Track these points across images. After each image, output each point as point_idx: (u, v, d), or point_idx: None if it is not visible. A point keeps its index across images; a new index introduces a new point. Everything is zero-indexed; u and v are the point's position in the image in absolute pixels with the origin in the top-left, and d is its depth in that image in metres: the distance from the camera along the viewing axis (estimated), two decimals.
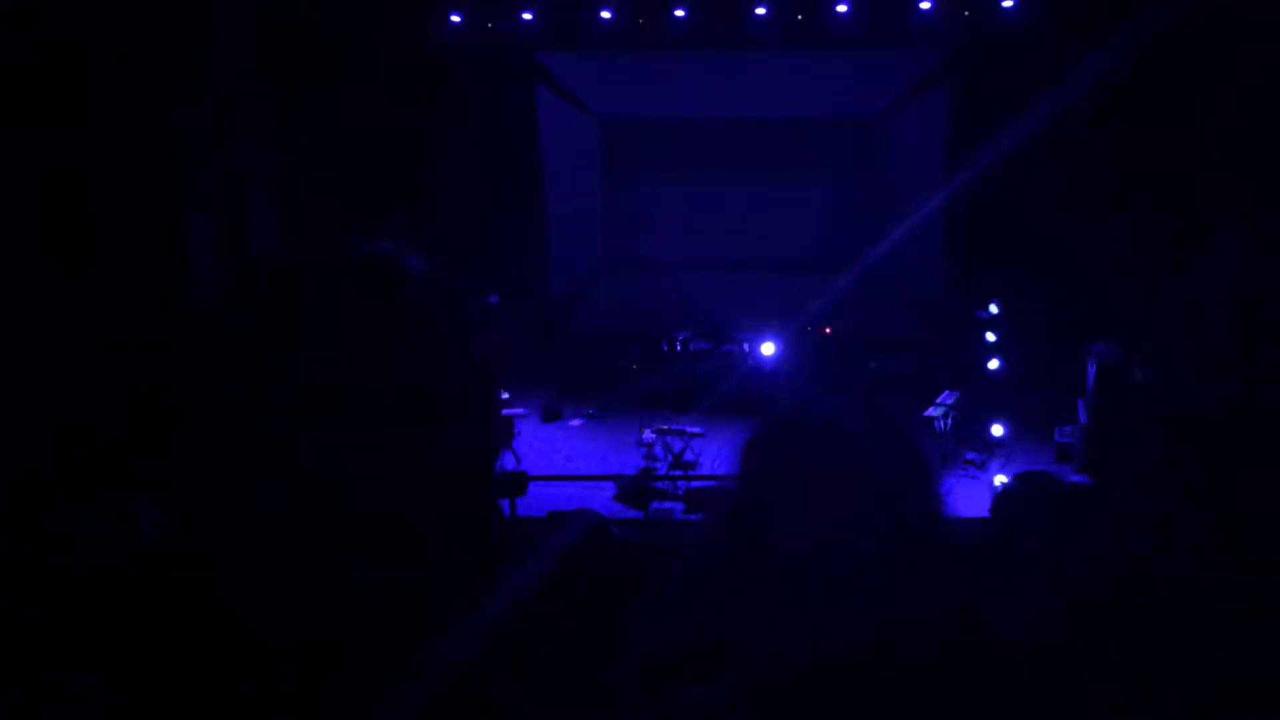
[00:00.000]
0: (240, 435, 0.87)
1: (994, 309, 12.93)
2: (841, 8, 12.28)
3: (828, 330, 14.25)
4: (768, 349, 13.15)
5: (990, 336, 12.92)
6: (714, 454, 10.87)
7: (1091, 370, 10.33)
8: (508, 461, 10.95)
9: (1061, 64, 11.17)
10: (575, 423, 12.82)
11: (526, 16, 12.75)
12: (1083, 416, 10.39)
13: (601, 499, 9.95)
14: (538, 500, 9.96)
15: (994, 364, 12.70)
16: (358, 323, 0.91)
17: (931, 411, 11.23)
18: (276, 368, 0.88)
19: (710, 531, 1.34)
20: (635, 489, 9.96)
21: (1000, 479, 10.14)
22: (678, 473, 10.73)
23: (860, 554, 1.24)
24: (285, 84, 11.23)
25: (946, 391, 11.54)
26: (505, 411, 11.46)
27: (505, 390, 11.70)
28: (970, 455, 11.12)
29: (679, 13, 12.53)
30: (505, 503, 9.61)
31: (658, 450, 11.15)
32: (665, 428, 11.18)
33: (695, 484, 10.25)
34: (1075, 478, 9.60)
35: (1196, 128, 10.79)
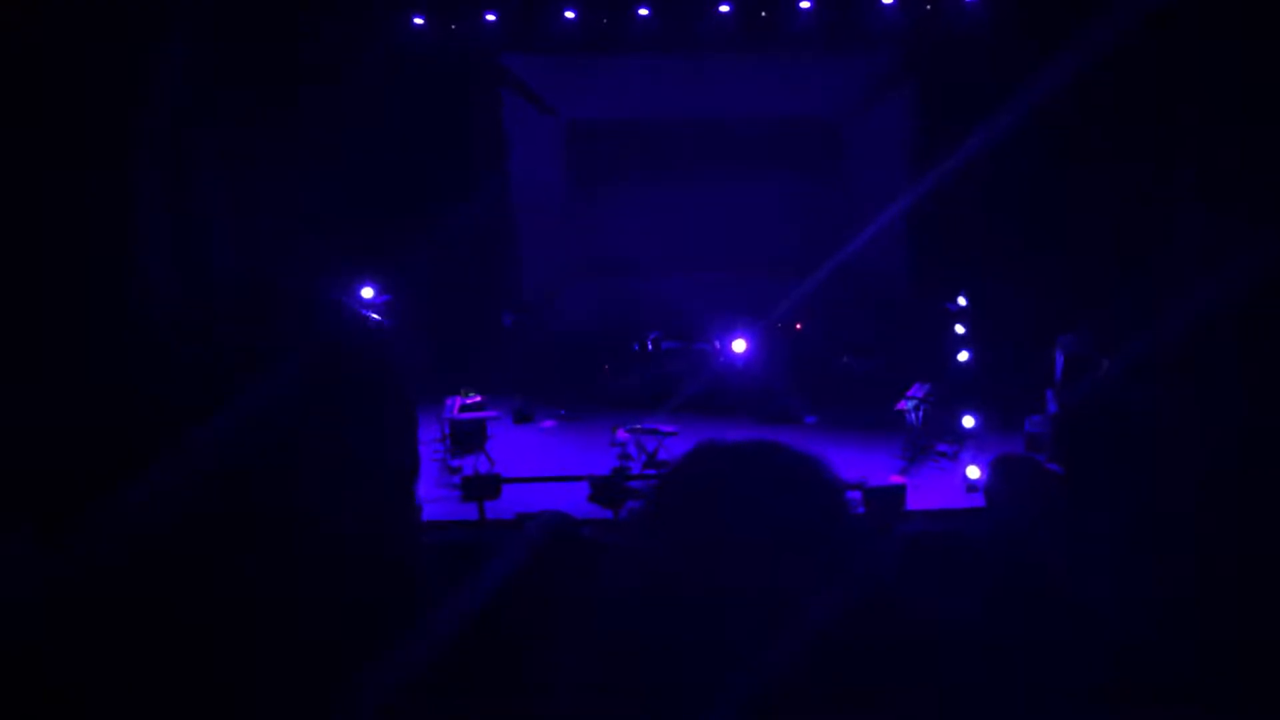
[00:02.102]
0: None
1: (962, 301, 13.01)
2: (805, 4, 12.32)
3: (798, 327, 14.31)
4: (739, 346, 13.19)
5: (959, 329, 13.00)
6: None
7: (1060, 360, 10.42)
8: (481, 464, 10.92)
9: (1023, 61, 11.27)
10: (547, 424, 12.80)
11: (490, 18, 12.71)
12: (1052, 406, 10.48)
13: (575, 499, 9.94)
14: (511, 502, 9.95)
15: (963, 356, 12.78)
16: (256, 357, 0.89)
17: (903, 404, 11.29)
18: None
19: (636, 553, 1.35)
20: (609, 489, 9.94)
21: (973, 470, 10.20)
22: (651, 472, 10.73)
23: (787, 579, 1.25)
24: (242, 88, 11.13)
25: (917, 384, 11.61)
26: (477, 415, 11.43)
27: (475, 393, 11.68)
28: (942, 447, 11.18)
29: (642, 13, 12.54)
30: (474, 506, 9.59)
31: (631, 449, 11.15)
32: (638, 427, 11.17)
33: None
34: (1047, 466, 9.66)
35: (1160, 124, 10.90)
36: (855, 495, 9.90)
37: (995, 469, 3.71)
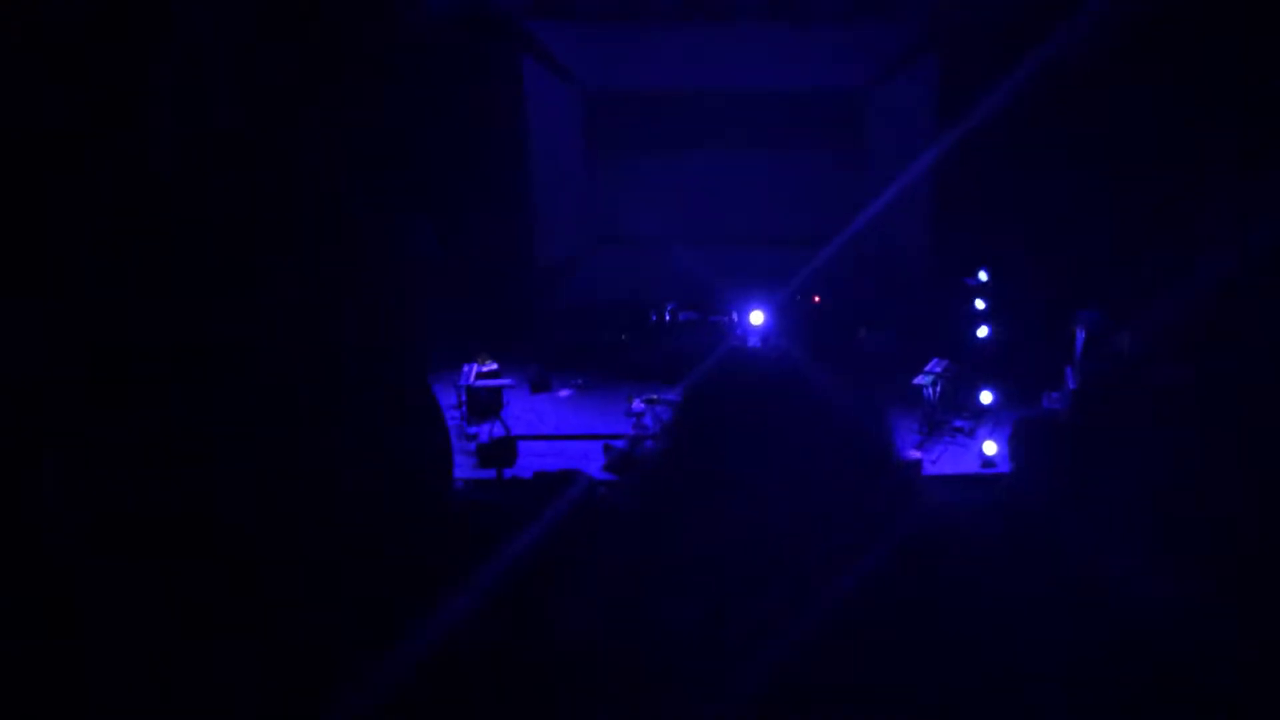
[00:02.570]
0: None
1: (983, 276, 12.94)
2: None
3: (816, 299, 14.26)
4: (756, 318, 13.15)
5: (979, 304, 12.94)
6: None
7: (1080, 337, 10.35)
8: (497, 431, 10.95)
9: (1047, 30, 11.14)
10: (564, 393, 12.81)
11: None
12: (1070, 383, 10.42)
13: (591, 468, 9.96)
14: (526, 465, 9.99)
15: (982, 331, 12.72)
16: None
17: (920, 379, 11.25)
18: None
19: (668, 457, 1.31)
20: (625, 458, 9.96)
21: (989, 445, 10.17)
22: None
23: (821, 482, 1.23)
24: (261, 52, 11.07)
25: (935, 359, 11.56)
26: (494, 382, 11.44)
27: (492, 361, 11.69)
28: (959, 422, 11.15)
29: None
30: (491, 473, 9.62)
31: (647, 420, 11.15)
32: (654, 398, 11.17)
33: None
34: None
35: (1189, 91, 10.76)
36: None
37: (1016, 431, 3.67)
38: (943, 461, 10.31)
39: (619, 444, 10.44)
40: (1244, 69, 10.09)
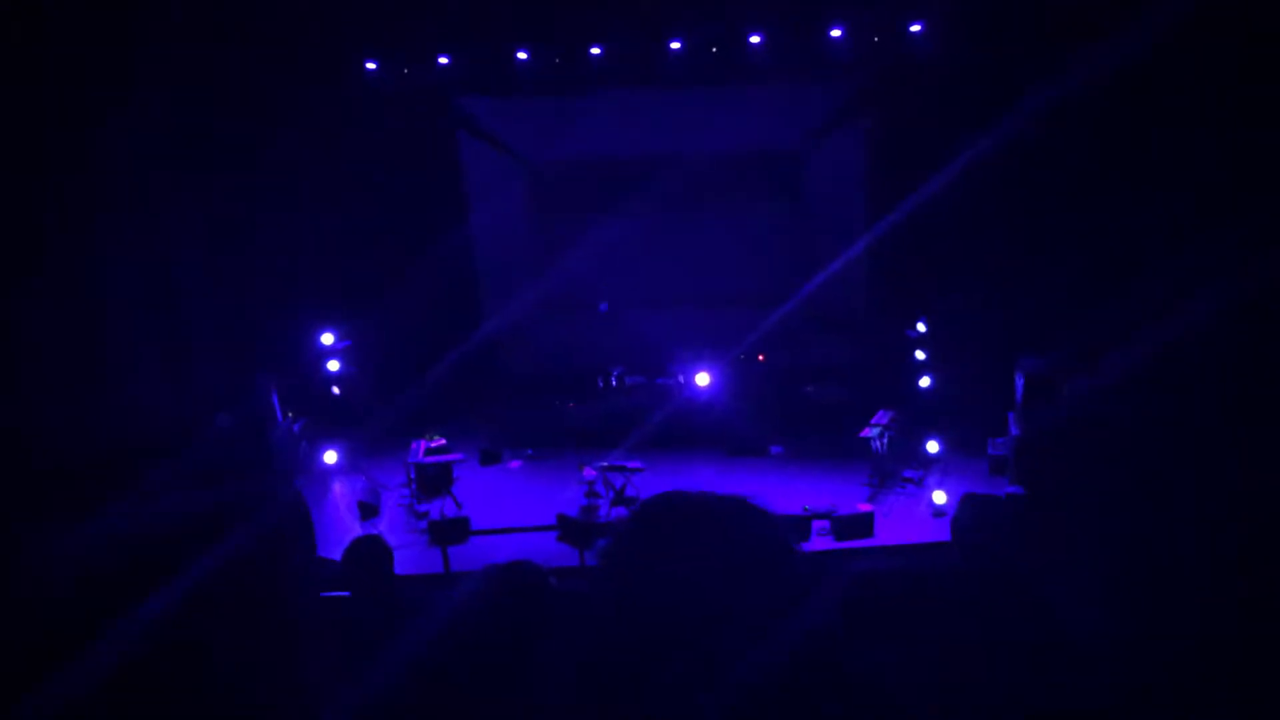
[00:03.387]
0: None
1: (922, 328, 13.12)
2: (755, 39, 12.44)
3: (760, 358, 14.36)
4: (701, 379, 13.23)
5: (920, 355, 13.11)
6: (655, 489, 10.86)
7: (1020, 383, 10.52)
8: (448, 507, 10.85)
9: (976, 86, 11.43)
10: (514, 464, 12.74)
11: (443, 61, 12.75)
12: (1014, 429, 10.56)
13: (545, 540, 9.90)
14: (480, 544, 9.90)
15: (925, 381, 12.88)
16: None
17: (867, 432, 11.35)
18: None
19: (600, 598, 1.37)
20: (579, 528, 9.91)
21: (939, 495, 10.26)
22: (620, 509, 10.70)
23: (737, 624, 1.27)
24: (203, 144, 11.07)
25: (881, 411, 11.68)
26: (443, 458, 11.36)
27: (440, 436, 11.62)
28: (908, 473, 11.24)
29: (594, 52, 12.62)
30: (438, 552, 9.51)
31: (599, 487, 11.13)
32: (606, 465, 11.15)
33: None
34: (1009, 489, 9.74)
35: (1113, 148, 11.05)
36: (824, 524, 9.92)
37: (963, 506, 3.72)
38: (894, 513, 10.37)
39: (572, 513, 10.40)
40: (1182, 129, 10.38)
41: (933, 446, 11.37)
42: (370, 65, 12.78)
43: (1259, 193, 9.23)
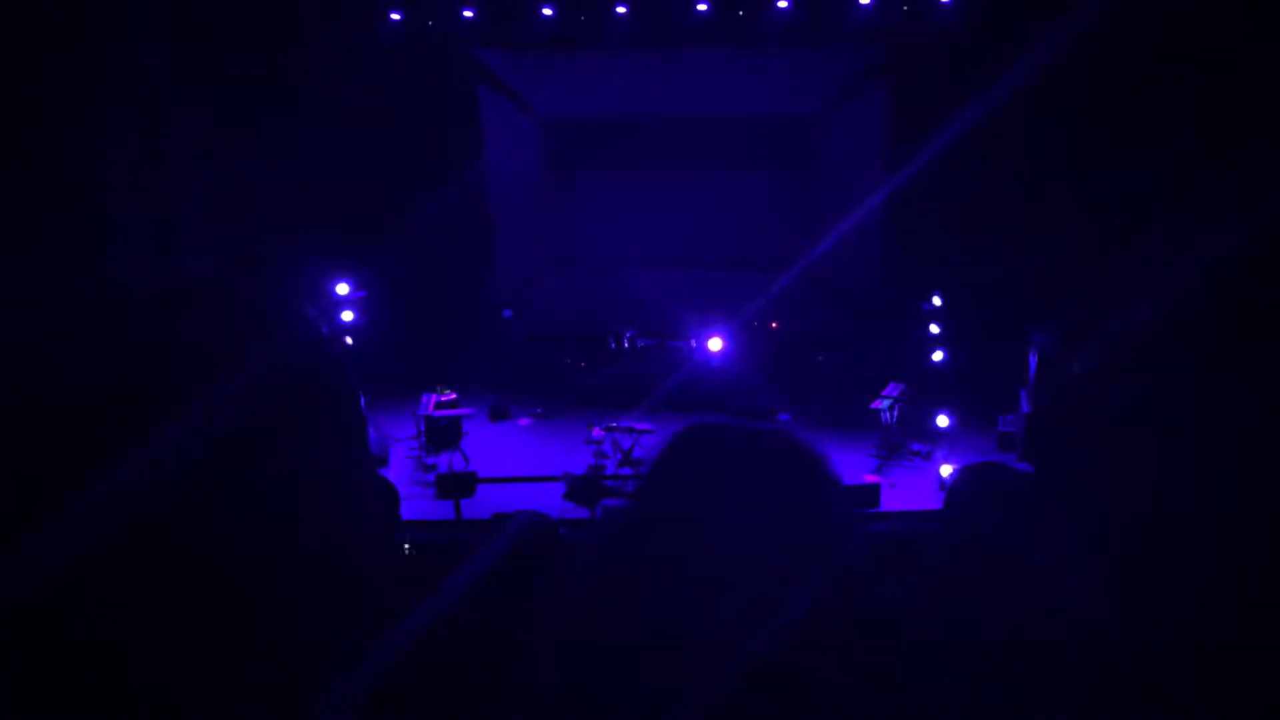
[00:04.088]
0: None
1: (937, 301, 13.07)
2: (782, 3, 12.33)
3: (774, 325, 14.34)
4: (714, 344, 13.21)
5: (934, 328, 13.07)
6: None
7: (1033, 360, 10.49)
8: (456, 462, 10.89)
9: (998, 59, 11.32)
10: (523, 422, 12.78)
11: (467, 14, 12.66)
12: (1025, 405, 10.55)
13: (551, 498, 9.93)
14: (487, 501, 9.93)
15: (938, 355, 12.85)
16: (184, 359, 0.87)
17: (878, 404, 11.34)
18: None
19: (621, 529, 1.34)
20: (585, 486, 9.94)
21: (946, 468, 10.26)
22: (627, 470, 10.73)
23: (776, 564, 1.25)
24: (216, 85, 11.03)
25: (892, 384, 11.66)
26: (452, 412, 11.39)
27: (451, 390, 11.64)
28: (916, 446, 11.24)
29: (620, 10, 12.51)
30: (450, 504, 9.56)
31: (606, 448, 11.15)
32: (614, 425, 11.17)
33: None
34: (1018, 465, 9.73)
35: (1130, 120, 10.97)
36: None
37: (963, 475, 3.70)
38: (901, 484, 10.38)
39: (579, 472, 10.43)
40: (1189, 100, 10.30)
41: (942, 421, 11.37)
42: (395, 15, 12.70)
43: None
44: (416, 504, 9.84)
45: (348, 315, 13.11)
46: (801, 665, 1.21)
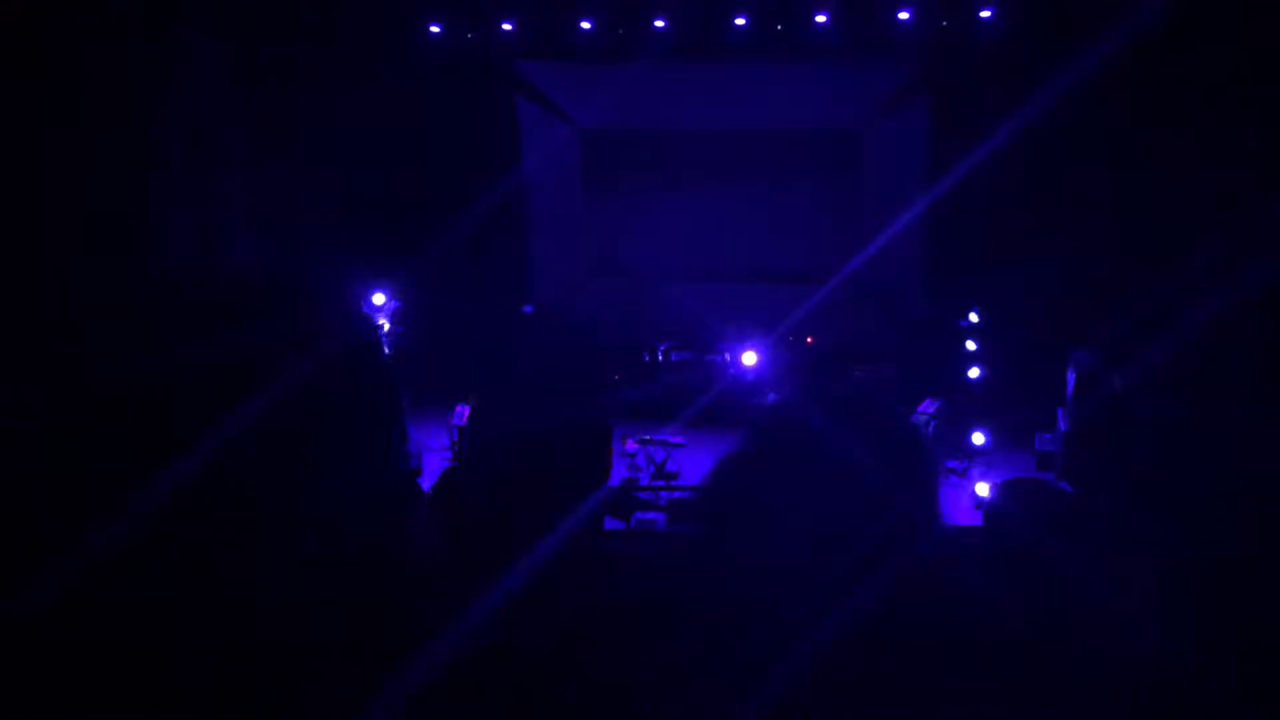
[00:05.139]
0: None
1: (974, 317, 12.95)
2: (821, 18, 12.30)
3: (809, 340, 14.26)
4: (749, 359, 13.15)
5: (971, 345, 12.94)
6: (696, 464, 10.85)
7: (1071, 378, 10.35)
8: None
9: (1039, 73, 11.23)
10: None
11: (506, 26, 12.73)
12: (1063, 424, 10.41)
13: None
14: None
15: (975, 372, 12.73)
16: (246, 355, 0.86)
17: (914, 420, 11.24)
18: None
19: (694, 540, 1.32)
20: (619, 499, 9.91)
21: (982, 487, 10.14)
22: (660, 483, 10.69)
23: (847, 562, 1.22)
24: (263, 91, 11.15)
25: (928, 400, 11.56)
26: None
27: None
28: (952, 464, 11.13)
29: (659, 23, 12.53)
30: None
31: (640, 461, 11.12)
32: (648, 438, 11.14)
33: (677, 494, 10.22)
34: (1057, 484, 9.61)
35: (1175, 135, 10.85)
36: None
37: (1003, 491, 3.64)
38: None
39: (613, 484, 10.38)
40: (1233, 110, 10.17)
41: (978, 438, 11.25)
42: (434, 28, 12.79)
43: None
44: None
45: (384, 324, 13.17)
46: (870, 658, 1.18)
